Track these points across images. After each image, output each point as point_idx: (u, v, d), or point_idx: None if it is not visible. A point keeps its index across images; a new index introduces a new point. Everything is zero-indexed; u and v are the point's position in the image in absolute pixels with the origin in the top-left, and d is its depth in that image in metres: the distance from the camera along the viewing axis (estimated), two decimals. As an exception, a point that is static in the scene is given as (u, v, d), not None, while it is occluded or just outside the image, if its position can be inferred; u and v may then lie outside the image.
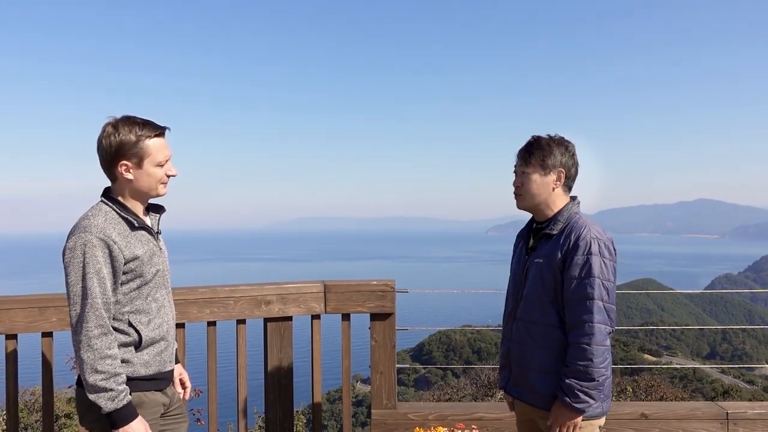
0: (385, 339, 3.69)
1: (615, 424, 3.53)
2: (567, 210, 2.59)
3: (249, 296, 3.50)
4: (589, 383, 2.41)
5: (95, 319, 2.17)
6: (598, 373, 2.41)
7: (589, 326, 2.41)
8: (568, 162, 2.60)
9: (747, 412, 3.63)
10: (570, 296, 2.46)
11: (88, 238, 2.18)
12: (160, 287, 2.41)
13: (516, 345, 2.67)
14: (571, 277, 2.46)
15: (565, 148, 2.60)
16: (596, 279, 2.42)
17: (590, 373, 2.40)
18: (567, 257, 2.48)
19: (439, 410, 3.73)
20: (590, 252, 2.44)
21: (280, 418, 3.61)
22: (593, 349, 2.40)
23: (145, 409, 2.30)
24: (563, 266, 2.49)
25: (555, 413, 2.51)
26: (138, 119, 2.30)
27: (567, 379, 2.44)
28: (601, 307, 2.42)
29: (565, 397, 2.44)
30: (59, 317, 3.17)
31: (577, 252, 2.45)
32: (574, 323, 2.45)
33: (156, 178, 2.33)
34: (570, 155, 2.61)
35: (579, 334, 2.42)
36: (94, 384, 2.16)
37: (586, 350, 2.40)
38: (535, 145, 2.60)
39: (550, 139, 2.61)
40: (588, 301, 2.42)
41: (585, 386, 2.42)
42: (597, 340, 2.40)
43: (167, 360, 2.43)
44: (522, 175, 2.63)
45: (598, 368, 2.41)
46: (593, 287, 2.41)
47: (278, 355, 3.59)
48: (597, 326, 2.40)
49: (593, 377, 2.41)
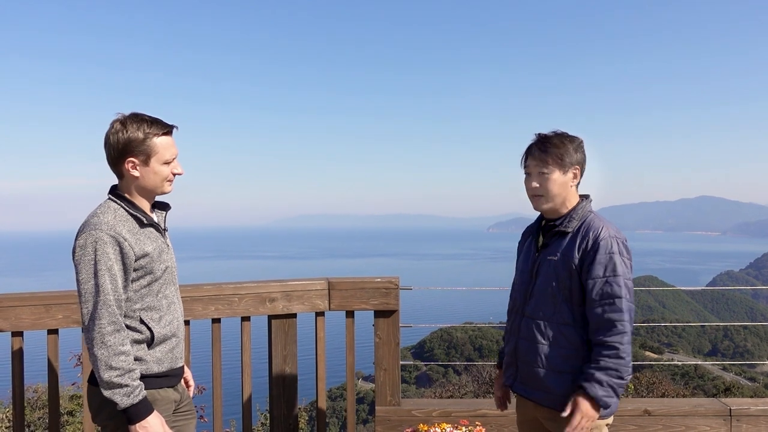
0: (389, 336, 3.70)
1: (618, 420, 3.54)
2: (581, 208, 2.55)
3: (253, 293, 3.51)
4: (619, 381, 2.39)
5: (108, 316, 2.17)
6: (626, 372, 2.39)
7: (622, 324, 2.38)
8: (581, 158, 2.56)
9: (750, 409, 3.64)
10: (596, 296, 2.42)
11: (99, 236, 2.19)
12: (169, 284, 2.42)
13: (525, 342, 2.61)
14: (596, 277, 2.42)
15: (578, 145, 2.56)
16: (621, 278, 2.40)
17: (620, 371, 2.38)
18: (586, 257, 2.44)
19: (443, 407, 3.74)
20: (612, 251, 2.41)
21: (284, 414, 3.63)
22: (625, 347, 2.38)
23: (158, 406, 2.31)
24: (581, 266, 2.45)
25: (578, 406, 2.41)
26: (146, 117, 2.31)
27: (597, 373, 2.38)
28: (629, 307, 2.41)
29: (596, 390, 2.37)
30: (65, 314, 3.19)
31: (598, 251, 2.42)
32: (602, 323, 2.41)
33: (162, 176, 2.33)
34: (582, 151, 2.57)
35: (609, 333, 2.39)
36: (109, 381, 2.16)
37: (619, 349, 2.37)
38: (548, 143, 2.53)
39: (562, 135, 2.55)
40: (617, 300, 2.39)
41: (615, 383, 2.39)
42: (627, 339, 2.38)
43: (178, 356, 2.44)
44: (540, 176, 2.54)
45: (627, 367, 2.39)
46: (620, 286, 2.39)
47: (282, 352, 3.60)
48: (627, 325, 2.39)
49: (622, 375, 2.39)
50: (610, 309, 2.40)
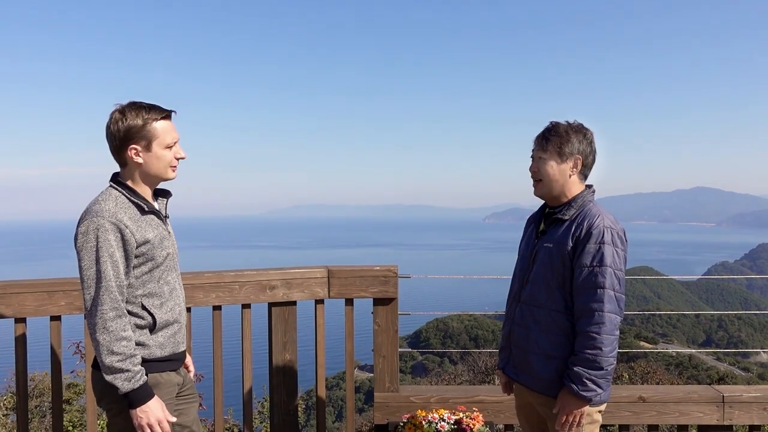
0: (388, 324, 3.75)
1: (613, 407, 3.59)
2: (581, 197, 2.59)
3: (254, 281, 3.55)
4: (598, 372, 2.42)
5: (110, 302, 2.21)
6: (606, 362, 2.42)
7: (599, 315, 2.41)
8: (586, 149, 2.60)
9: (742, 395, 3.69)
10: (581, 284, 2.47)
11: (101, 222, 2.22)
12: (171, 270, 2.46)
13: (519, 327, 2.68)
14: (583, 265, 2.46)
15: (583, 136, 2.60)
16: (608, 268, 2.43)
17: (599, 362, 2.41)
18: (578, 245, 2.48)
19: (441, 393, 3.78)
20: (603, 241, 2.44)
21: (284, 400, 3.67)
22: (603, 338, 2.41)
23: (161, 389, 2.36)
24: (574, 253, 2.49)
25: (562, 401, 2.51)
26: (144, 104, 2.35)
27: (575, 367, 2.44)
28: (612, 297, 2.43)
29: (572, 385, 2.45)
30: (67, 301, 3.22)
31: (589, 240, 2.45)
32: (583, 311, 2.46)
33: (165, 161, 2.37)
34: (588, 143, 2.61)
35: (589, 323, 2.43)
36: (111, 365, 2.20)
37: (596, 339, 2.41)
38: (552, 131, 2.60)
39: (569, 125, 2.61)
40: (599, 290, 2.42)
41: (593, 375, 2.42)
42: (607, 330, 2.41)
43: (180, 341, 2.48)
44: (539, 161, 2.62)
45: (607, 357, 2.42)
46: (605, 276, 2.42)
47: (282, 339, 3.64)
48: (607, 315, 2.41)
49: (602, 366, 2.42)
50: (592, 298, 2.44)
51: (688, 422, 3.72)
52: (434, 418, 3.44)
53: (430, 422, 3.41)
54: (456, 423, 3.41)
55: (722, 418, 3.67)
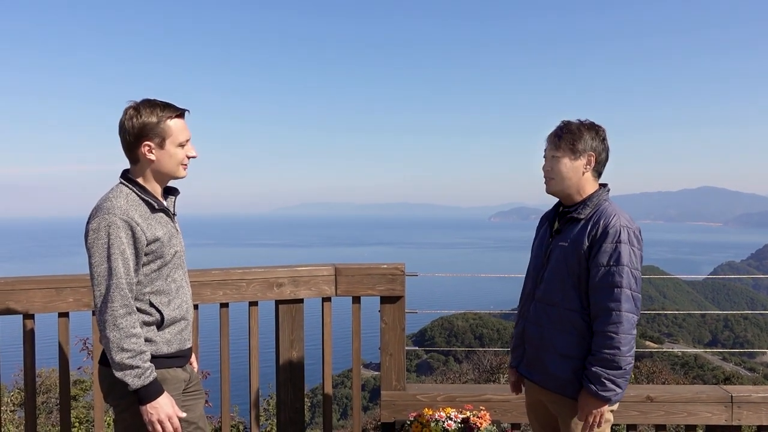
0: (395, 322, 3.74)
1: (621, 406, 3.57)
2: (596, 196, 2.58)
3: (261, 278, 3.55)
4: (616, 371, 2.41)
5: (120, 299, 2.22)
6: (625, 361, 2.40)
7: (617, 314, 2.40)
8: (599, 147, 2.59)
9: (751, 396, 3.68)
10: (597, 284, 2.45)
11: (112, 219, 2.23)
12: (178, 268, 2.46)
13: (533, 326, 2.67)
14: (599, 264, 2.44)
15: (596, 133, 2.59)
16: (625, 267, 2.41)
17: (617, 362, 2.39)
18: (594, 244, 2.46)
19: (448, 392, 3.78)
20: (620, 240, 2.43)
21: (291, 398, 3.67)
22: (621, 337, 2.39)
23: (168, 385, 2.36)
24: (590, 253, 2.48)
25: (582, 402, 2.50)
26: (158, 101, 2.36)
27: (593, 368, 2.43)
28: (629, 296, 2.41)
29: (591, 386, 2.43)
30: (75, 298, 3.23)
31: (606, 239, 2.44)
32: (600, 311, 2.44)
33: (177, 159, 2.38)
34: (600, 140, 2.60)
35: (606, 322, 2.41)
36: (121, 362, 2.21)
37: (614, 338, 2.39)
38: (565, 129, 2.59)
39: (581, 123, 2.60)
40: (616, 289, 2.41)
41: (612, 374, 2.41)
42: (624, 329, 2.39)
43: (186, 338, 2.49)
44: (552, 159, 2.60)
45: (625, 356, 2.40)
46: (622, 275, 2.41)
47: (290, 336, 3.64)
48: (625, 315, 2.40)
49: (620, 365, 2.40)
50: (609, 298, 2.43)
51: (697, 422, 3.70)
52: (441, 416, 3.43)
53: (437, 421, 3.41)
54: (463, 422, 3.41)
55: (731, 418, 3.66)
